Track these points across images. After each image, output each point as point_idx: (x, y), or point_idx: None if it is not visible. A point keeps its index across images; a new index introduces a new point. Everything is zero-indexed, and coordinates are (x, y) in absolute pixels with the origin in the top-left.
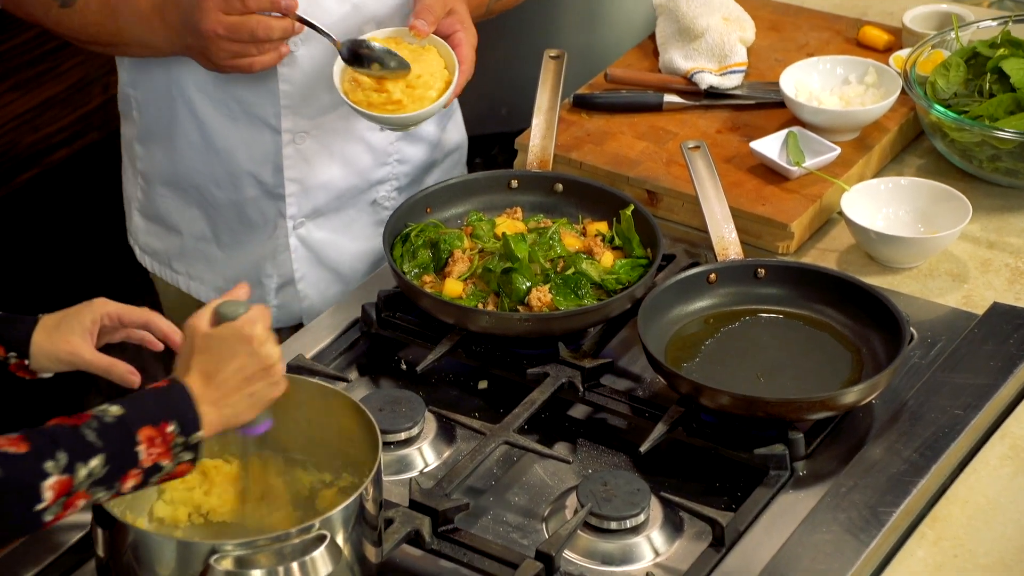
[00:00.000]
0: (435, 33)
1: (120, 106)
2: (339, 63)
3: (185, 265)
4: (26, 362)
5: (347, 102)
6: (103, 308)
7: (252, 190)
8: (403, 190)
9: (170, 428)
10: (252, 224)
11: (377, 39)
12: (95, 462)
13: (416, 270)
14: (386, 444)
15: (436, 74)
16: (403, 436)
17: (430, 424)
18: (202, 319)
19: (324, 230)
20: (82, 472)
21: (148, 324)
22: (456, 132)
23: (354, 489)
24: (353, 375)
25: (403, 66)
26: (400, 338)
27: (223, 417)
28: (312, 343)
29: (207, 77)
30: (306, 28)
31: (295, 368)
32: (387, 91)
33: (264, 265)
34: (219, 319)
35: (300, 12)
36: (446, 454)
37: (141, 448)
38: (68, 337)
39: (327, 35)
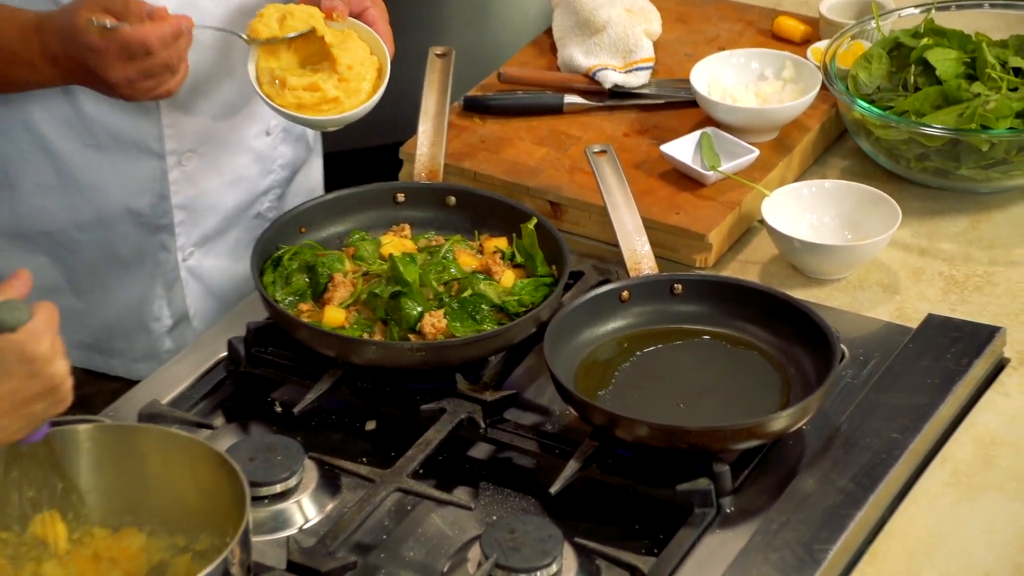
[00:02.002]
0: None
1: None
2: (252, 63)
3: None
4: None
5: (275, 107)
6: None
7: (126, 226)
8: (284, 197)
9: None
10: (125, 264)
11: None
12: None
13: (291, 298)
14: (258, 499)
15: (365, 61)
16: (279, 488)
17: (310, 473)
18: None
19: (211, 257)
20: None
21: None
22: None
23: (216, 553)
24: (219, 421)
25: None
26: (273, 376)
27: None
28: (169, 386)
29: (67, 108)
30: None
31: (148, 417)
32: (320, 89)
33: (147, 308)
34: None
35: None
36: (330, 507)
37: None
38: None
39: (235, 33)
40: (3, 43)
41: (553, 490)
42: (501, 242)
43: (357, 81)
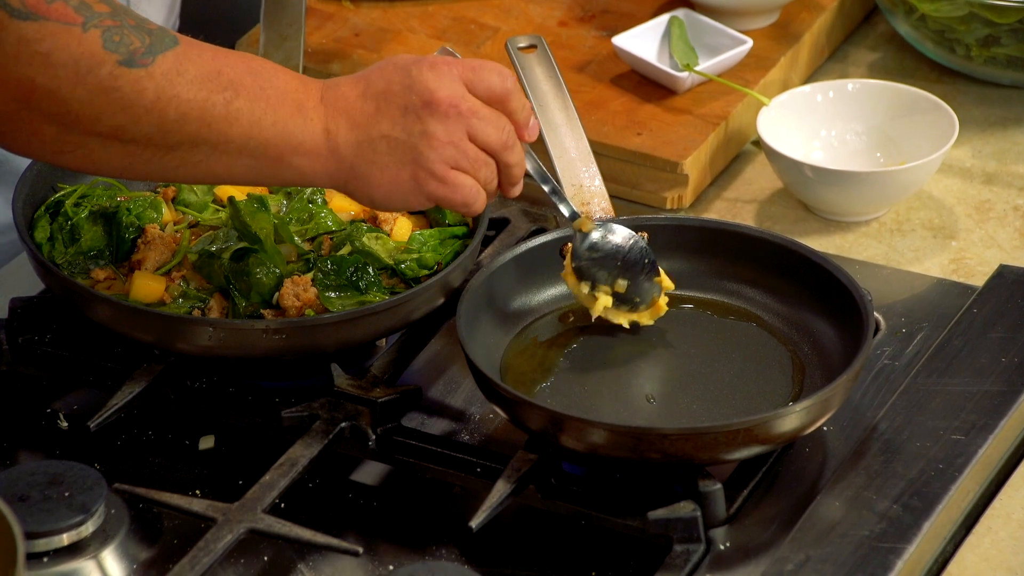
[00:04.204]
0: None
1: None
2: None
3: None
4: None
5: None
6: None
7: None
8: None
9: None
10: None
11: None
12: None
13: (80, 260)
14: (36, 556)
15: None
16: (66, 539)
17: (116, 514)
18: None
19: None
20: None
21: None
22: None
23: None
24: None
25: None
26: (54, 376)
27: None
28: None
29: None
30: None
31: None
32: None
33: None
34: None
35: None
36: (145, 558)
37: None
38: None
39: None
40: (270, 117)
41: (473, 524)
42: None
43: None
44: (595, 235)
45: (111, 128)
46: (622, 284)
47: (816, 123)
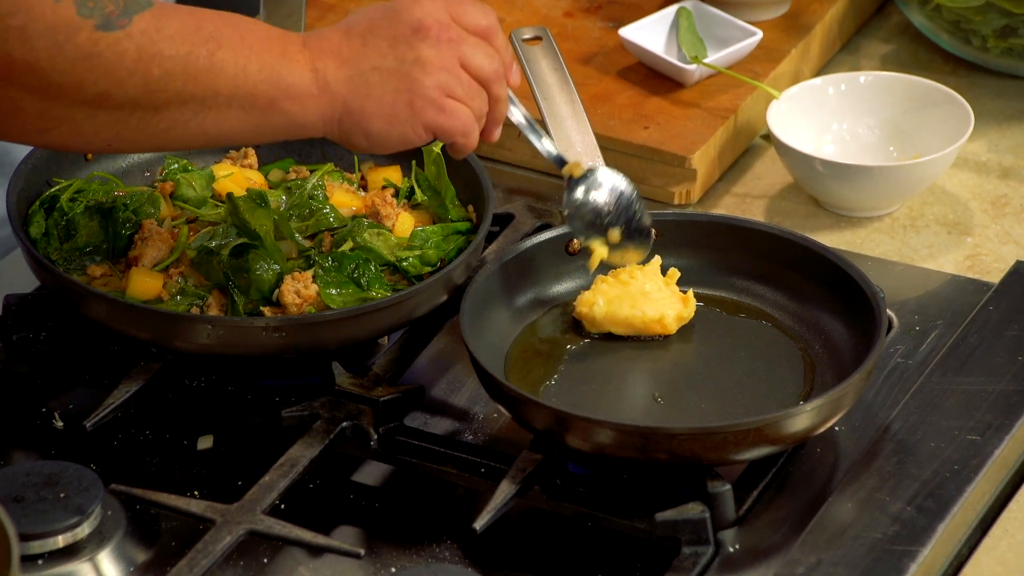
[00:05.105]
0: None
1: None
2: None
3: None
4: None
5: None
6: None
7: None
8: None
9: None
10: None
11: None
12: None
13: (76, 256)
14: (31, 558)
15: None
16: (62, 541)
17: (113, 516)
18: None
19: None
20: None
21: None
22: None
23: None
24: None
25: None
26: (49, 375)
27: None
28: None
29: None
30: None
31: None
32: None
33: None
34: None
35: None
36: (143, 560)
37: None
38: None
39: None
40: (258, 68)
41: (477, 526)
42: (393, 173)
43: None
44: (585, 181)
45: (95, 95)
46: (615, 233)
47: (828, 116)
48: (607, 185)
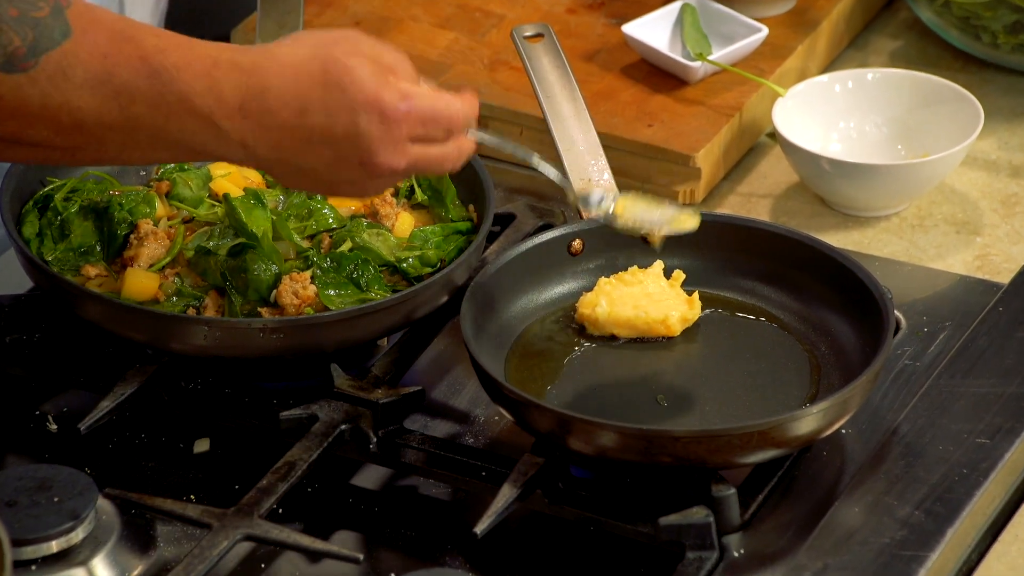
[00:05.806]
0: None
1: None
2: None
3: None
4: None
5: None
6: None
7: None
8: None
9: None
10: None
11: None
12: None
13: (70, 257)
14: (24, 563)
15: None
16: (55, 546)
17: (107, 520)
18: None
19: None
20: None
21: None
22: None
23: None
24: None
25: None
26: (43, 377)
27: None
28: None
29: None
30: None
31: None
32: None
33: None
34: None
35: None
36: (137, 565)
37: None
38: None
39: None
40: (173, 88)
41: (478, 530)
42: None
43: None
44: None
45: (7, 133)
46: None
47: (834, 114)
48: (631, 211)
